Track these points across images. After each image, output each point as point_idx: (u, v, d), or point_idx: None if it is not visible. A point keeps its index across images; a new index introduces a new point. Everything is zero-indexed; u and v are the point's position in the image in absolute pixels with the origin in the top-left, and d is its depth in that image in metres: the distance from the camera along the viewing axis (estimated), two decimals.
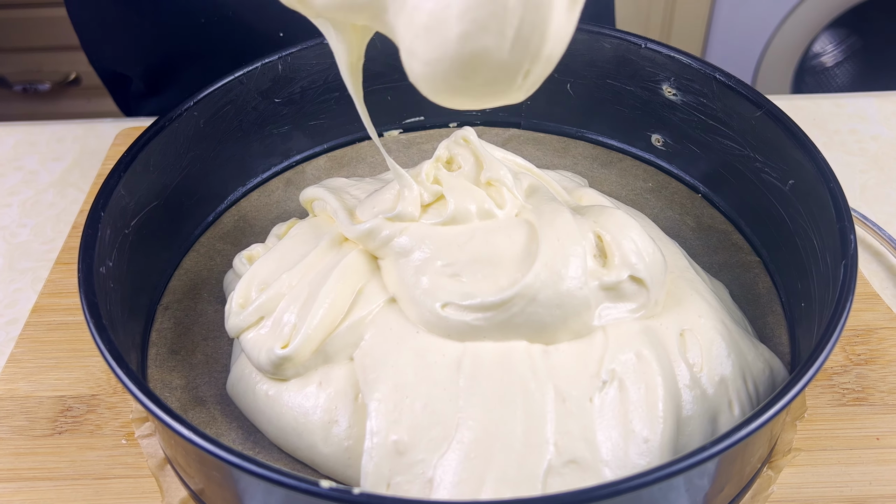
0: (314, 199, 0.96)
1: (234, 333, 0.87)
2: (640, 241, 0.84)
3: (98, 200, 0.85)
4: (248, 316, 0.86)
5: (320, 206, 0.95)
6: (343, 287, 0.84)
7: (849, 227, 0.80)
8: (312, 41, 1.04)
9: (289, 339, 0.83)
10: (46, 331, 1.00)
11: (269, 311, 0.86)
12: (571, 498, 0.62)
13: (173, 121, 0.94)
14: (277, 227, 0.99)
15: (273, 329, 0.84)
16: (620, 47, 1.04)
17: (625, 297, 0.83)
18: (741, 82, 0.96)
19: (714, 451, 0.65)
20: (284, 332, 0.83)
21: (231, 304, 0.88)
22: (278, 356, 0.82)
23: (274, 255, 0.91)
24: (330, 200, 0.92)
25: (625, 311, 0.84)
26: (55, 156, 1.29)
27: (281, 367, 0.83)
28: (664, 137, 1.08)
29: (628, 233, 0.84)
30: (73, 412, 0.92)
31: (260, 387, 0.85)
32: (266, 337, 0.84)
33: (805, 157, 0.88)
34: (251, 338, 0.85)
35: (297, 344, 0.82)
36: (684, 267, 0.92)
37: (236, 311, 0.87)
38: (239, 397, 0.87)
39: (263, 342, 0.84)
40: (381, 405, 0.79)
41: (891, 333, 0.98)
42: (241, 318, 0.86)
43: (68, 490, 0.86)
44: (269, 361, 0.83)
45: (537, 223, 0.85)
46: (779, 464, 0.86)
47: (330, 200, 0.92)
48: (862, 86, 2.66)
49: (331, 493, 0.62)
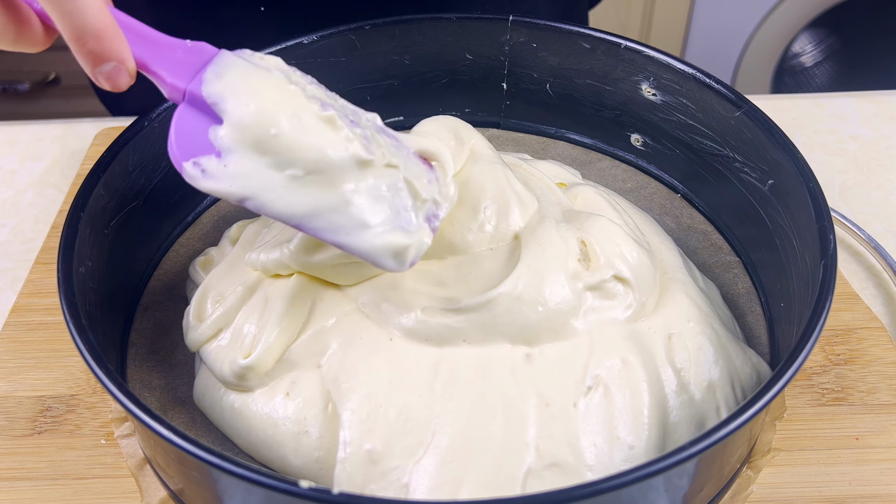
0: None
1: (194, 347, 0.87)
2: (624, 244, 0.84)
3: (77, 200, 0.85)
4: (206, 329, 0.86)
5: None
6: (303, 295, 0.85)
7: (828, 228, 0.81)
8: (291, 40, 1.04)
9: (250, 350, 0.83)
10: (26, 331, 1.00)
11: (226, 323, 0.86)
12: (550, 498, 0.62)
13: (153, 121, 0.94)
14: (230, 229, 0.99)
15: (233, 340, 0.85)
16: (599, 47, 1.04)
17: (610, 296, 0.83)
18: (721, 82, 0.96)
19: (693, 451, 0.65)
20: (245, 342, 0.83)
21: (188, 319, 0.88)
22: (241, 366, 0.82)
23: (225, 266, 0.91)
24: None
25: (611, 312, 0.83)
26: (34, 156, 1.29)
27: (244, 378, 0.82)
28: (643, 137, 1.08)
29: (612, 237, 0.84)
30: (53, 412, 0.92)
31: (226, 400, 0.85)
32: (227, 349, 0.84)
33: (785, 157, 0.88)
34: (212, 349, 0.85)
35: (259, 353, 0.82)
36: (676, 266, 0.92)
37: (194, 325, 0.87)
38: (206, 410, 0.87)
39: (225, 354, 0.84)
40: (353, 415, 0.79)
41: (870, 333, 0.98)
42: (199, 331, 0.86)
43: (48, 490, 0.86)
44: (233, 372, 0.82)
45: (521, 234, 0.85)
46: (758, 464, 0.86)
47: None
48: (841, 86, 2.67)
49: (310, 493, 0.62)
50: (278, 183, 0.73)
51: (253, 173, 0.73)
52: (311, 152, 0.72)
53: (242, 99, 0.72)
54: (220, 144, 0.73)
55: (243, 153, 0.72)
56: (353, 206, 0.74)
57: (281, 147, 0.72)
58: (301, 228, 0.75)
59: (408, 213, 0.76)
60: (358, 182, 0.74)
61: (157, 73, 0.74)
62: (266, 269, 0.86)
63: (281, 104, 0.73)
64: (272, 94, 0.73)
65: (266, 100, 0.72)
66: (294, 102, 0.73)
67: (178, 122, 0.74)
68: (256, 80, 0.74)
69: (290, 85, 0.75)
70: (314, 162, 0.73)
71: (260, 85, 0.74)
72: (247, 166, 0.73)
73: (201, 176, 0.73)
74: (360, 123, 0.78)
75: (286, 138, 0.72)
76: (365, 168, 0.74)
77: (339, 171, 0.73)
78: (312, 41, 1.03)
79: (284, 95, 0.74)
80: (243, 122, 0.72)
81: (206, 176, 0.73)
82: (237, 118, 0.72)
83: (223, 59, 0.75)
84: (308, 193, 0.73)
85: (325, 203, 0.74)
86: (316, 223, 0.74)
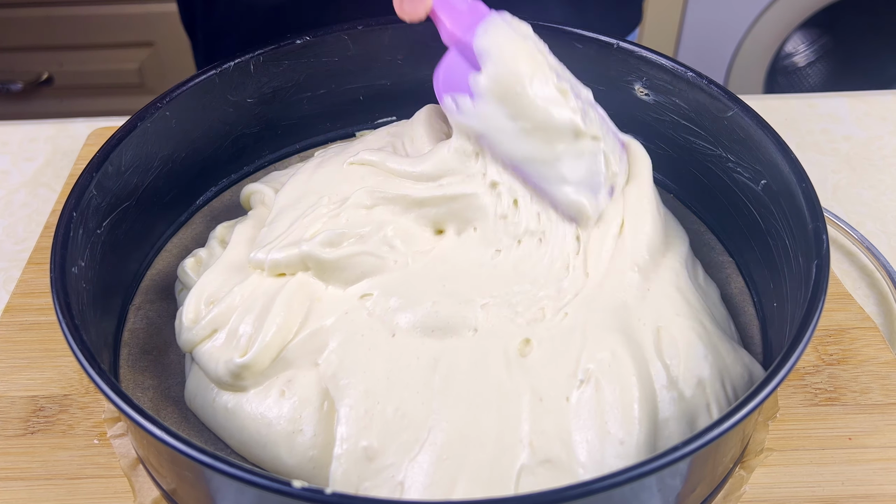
0: (253, 193, 1.00)
1: (187, 348, 0.87)
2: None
3: (70, 200, 0.85)
4: (200, 330, 0.86)
5: (258, 199, 0.99)
6: (301, 295, 0.85)
7: (821, 228, 0.81)
8: (285, 41, 1.04)
9: (246, 349, 0.83)
10: (19, 331, 1.00)
11: (221, 324, 0.86)
12: (543, 498, 0.62)
13: (145, 120, 0.93)
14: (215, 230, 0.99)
15: (228, 340, 0.85)
16: (591, 47, 1.04)
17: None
18: (713, 82, 0.96)
19: (686, 451, 0.65)
20: (241, 342, 0.84)
21: (182, 320, 0.88)
22: (238, 365, 0.82)
23: (218, 267, 0.91)
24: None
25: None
26: (27, 156, 1.29)
27: (240, 377, 0.83)
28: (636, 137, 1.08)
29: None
30: (46, 412, 0.92)
31: (219, 400, 0.85)
32: (222, 349, 0.84)
33: (778, 157, 0.88)
34: (206, 350, 0.85)
35: (256, 351, 0.82)
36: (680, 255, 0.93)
37: (188, 327, 0.87)
38: (198, 411, 0.87)
39: (220, 354, 0.84)
40: (351, 411, 0.79)
41: (862, 333, 0.98)
42: (193, 332, 0.86)
43: (41, 490, 0.85)
44: (229, 371, 0.82)
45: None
46: (751, 464, 0.86)
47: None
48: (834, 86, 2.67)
49: (303, 493, 0.62)
50: (510, 130, 0.88)
51: (494, 117, 0.88)
52: (542, 113, 0.87)
53: (503, 57, 0.87)
54: (477, 89, 0.88)
55: (491, 100, 0.88)
56: (561, 163, 0.89)
57: (521, 103, 0.87)
58: (515, 169, 0.90)
59: (598, 177, 0.90)
60: (570, 144, 0.88)
61: (441, 19, 0.91)
62: (275, 267, 0.87)
63: (529, 69, 0.87)
64: (525, 58, 0.87)
65: (520, 63, 0.87)
66: (539, 70, 0.87)
67: (448, 63, 0.92)
68: (515, 45, 0.88)
69: (538, 54, 0.88)
70: (542, 121, 0.87)
71: (517, 48, 0.88)
72: (491, 111, 0.88)
73: (455, 109, 0.90)
74: (580, 96, 0.91)
75: (527, 97, 0.86)
76: (578, 136, 0.88)
77: (559, 133, 0.87)
78: (305, 41, 1.03)
79: (533, 62, 0.87)
80: (499, 76, 0.87)
81: (459, 111, 0.89)
82: (495, 72, 0.87)
83: (493, 21, 0.90)
84: (530, 143, 0.88)
85: (540, 154, 0.88)
86: (528, 168, 0.89)
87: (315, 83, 1.02)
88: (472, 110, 0.88)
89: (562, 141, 0.88)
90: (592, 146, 0.89)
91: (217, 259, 0.92)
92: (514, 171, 0.90)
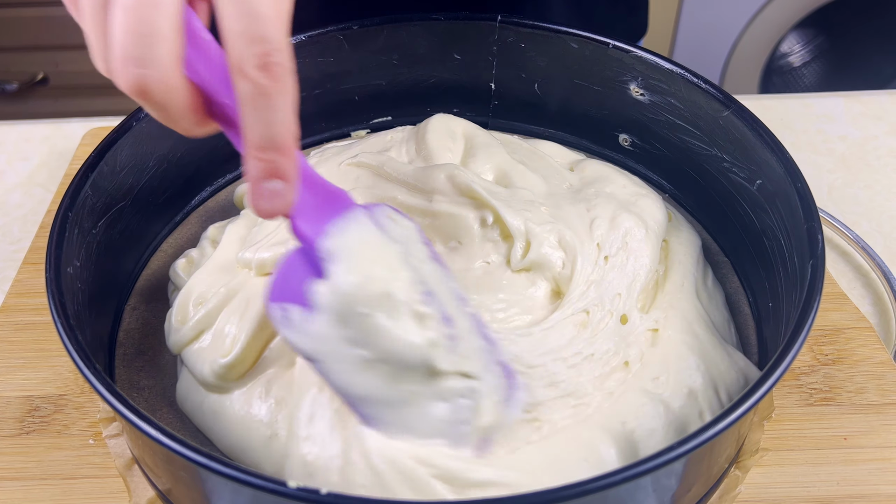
0: (246, 193, 0.97)
1: (176, 350, 0.87)
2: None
3: (65, 200, 0.85)
4: (188, 331, 0.86)
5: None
6: None
7: (817, 228, 0.81)
8: None
9: (230, 349, 0.83)
10: (14, 331, 1.00)
11: (208, 325, 0.86)
12: (541, 498, 0.62)
13: (140, 121, 0.93)
14: (207, 230, 0.99)
15: (214, 342, 0.85)
16: (587, 47, 1.04)
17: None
18: (708, 82, 0.96)
19: (680, 451, 0.65)
20: (226, 343, 0.83)
21: (171, 322, 0.88)
22: (221, 366, 0.82)
23: (207, 268, 0.91)
24: None
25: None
26: (22, 156, 1.29)
27: (224, 378, 0.83)
28: (631, 137, 1.08)
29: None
30: (41, 412, 0.92)
31: (206, 403, 0.85)
32: (208, 350, 0.85)
33: (773, 157, 0.88)
34: (193, 351, 0.86)
35: (238, 351, 0.82)
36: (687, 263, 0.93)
37: (176, 328, 0.87)
38: (189, 413, 0.87)
39: (206, 355, 0.84)
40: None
41: (858, 333, 0.98)
42: (181, 334, 0.86)
43: (36, 490, 0.85)
44: (213, 372, 0.83)
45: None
46: (746, 464, 0.86)
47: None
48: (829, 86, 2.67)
49: (298, 493, 0.62)
50: (347, 358, 0.71)
51: (329, 340, 0.71)
52: (387, 343, 0.71)
53: (351, 266, 0.70)
54: (313, 300, 0.70)
55: (329, 318, 0.70)
56: (407, 409, 0.73)
57: (364, 327, 0.71)
58: (352, 408, 0.74)
59: (459, 428, 0.74)
60: (421, 386, 0.73)
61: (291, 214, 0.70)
62: (262, 266, 0.87)
63: (383, 284, 0.71)
64: (380, 270, 0.72)
65: (371, 276, 0.71)
66: (397, 286, 0.72)
67: (287, 264, 0.73)
68: (371, 251, 0.73)
69: (403, 263, 0.73)
70: (386, 353, 0.71)
71: (372, 257, 0.72)
72: (327, 332, 0.71)
73: (282, 321, 0.71)
74: (454, 320, 0.75)
75: (372, 321, 0.71)
76: (434, 376, 0.73)
77: (407, 371, 0.72)
78: (300, 41, 1.03)
79: (391, 275, 0.72)
80: (342, 289, 0.70)
81: (287, 324, 0.71)
82: (339, 283, 0.70)
83: (353, 216, 0.73)
84: (370, 379, 0.72)
85: (381, 394, 0.73)
86: (367, 409, 0.74)
87: (310, 83, 1.02)
88: (305, 326, 0.71)
89: (411, 380, 0.73)
90: (458, 387, 0.73)
91: (208, 259, 0.92)
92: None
